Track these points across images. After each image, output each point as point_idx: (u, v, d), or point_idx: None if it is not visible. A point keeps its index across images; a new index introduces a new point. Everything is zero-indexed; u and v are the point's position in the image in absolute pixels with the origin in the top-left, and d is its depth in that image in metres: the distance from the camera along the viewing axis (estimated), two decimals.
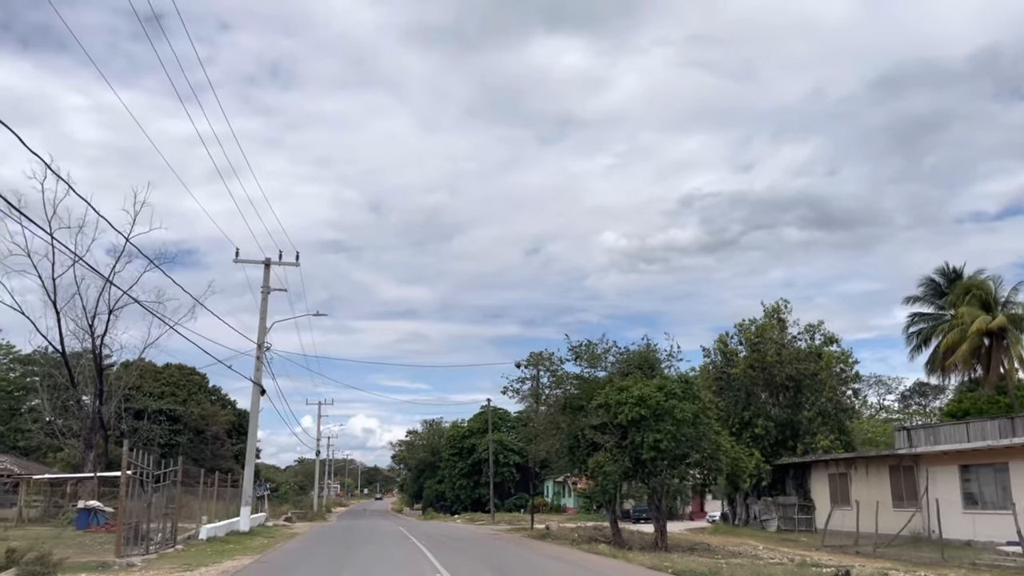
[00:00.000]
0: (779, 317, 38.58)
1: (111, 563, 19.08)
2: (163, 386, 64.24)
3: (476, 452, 71.58)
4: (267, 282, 31.38)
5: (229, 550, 23.89)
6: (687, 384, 25.52)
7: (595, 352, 27.61)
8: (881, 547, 25.91)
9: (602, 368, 27.79)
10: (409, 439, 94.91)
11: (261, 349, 30.84)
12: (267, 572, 17.07)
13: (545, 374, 28.46)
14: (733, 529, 36.30)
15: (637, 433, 24.50)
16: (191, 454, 60.95)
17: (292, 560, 19.89)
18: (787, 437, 36.78)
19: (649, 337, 28.03)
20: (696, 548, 26.75)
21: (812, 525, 34.81)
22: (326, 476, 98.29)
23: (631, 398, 24.52)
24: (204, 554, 22.64)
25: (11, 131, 12.99)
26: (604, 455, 24.73)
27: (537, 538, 30.60)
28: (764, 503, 36.34)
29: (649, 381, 25.45)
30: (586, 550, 23.62)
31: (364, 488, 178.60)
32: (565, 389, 27.84)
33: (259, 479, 51.30)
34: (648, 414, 24.15)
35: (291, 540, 28.19)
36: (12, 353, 62.73)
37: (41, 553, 14.91)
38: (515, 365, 28.89)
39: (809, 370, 36.53)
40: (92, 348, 44.86)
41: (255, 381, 30.86)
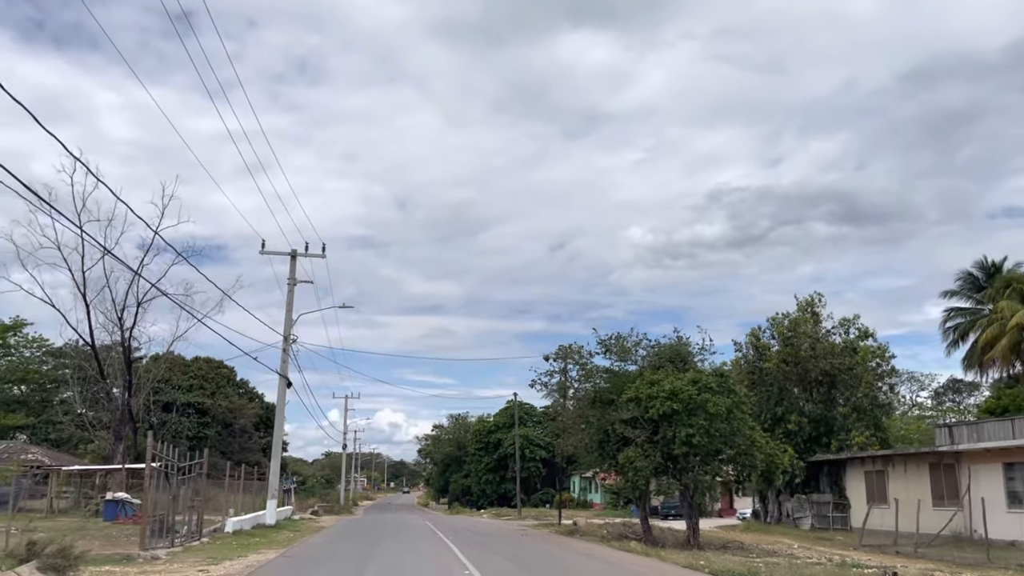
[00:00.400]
0: (813, 311, 37.60)
1: (135, 556, 18.78)
2: (191, 379, 64.45)
3: (502, 447, 71.14)
4: (293, 274, 31.04)
5: (254, 543, 23.56)
6: (722, 377, 24.76)
7: (625, 345, 26.92)
8: (922, 547, 25.01)
9: (632, 362, 27.09)
10: (435, 433, 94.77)
11: (287, 341, 30.50)
12: (291, 567, 16.64)
13: (574, 367, 27.83)
14: (765, 527, 35.45)
15: (669, 428, 23.81)
16: (219, 447, 61.07)
17: (317, 555, 19.47)
18: (821, 433, 35.84)
19: (680, 330, 27.28)
20: (729, 546, 26.02)
21: (847, 524, 33.87)
22: (353, 470, 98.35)
23: (663, 392, 23.83)
24: (229, 547, 22.31)
25: (38, 122, 12.08)
26: (635, 450, 24.06)
27: (565, 534, 30.00)
28: (798, 500, 35.44)
29: (682, 374, 24.72)
30: (617, 548, 22.98)
31: (390, 482, 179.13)
32: (594, 383, 27.17)
33: (286, 472, 51.20)
34: (680, 408, 23.44)
35: (317, 534, 27.84)
36: (44, 346, 63.10)
37: (62, 546, 14.53)
38: (543, 358, 28.34)
39: (844, 365, 35.54)
40: (121, 341, 45.02)
41: (281, 373, 30.53)
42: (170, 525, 23.33)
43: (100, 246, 31.57)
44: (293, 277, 30.97)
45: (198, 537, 24.03)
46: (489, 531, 31.27)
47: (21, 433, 58.77)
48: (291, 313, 30.84)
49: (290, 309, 30.80)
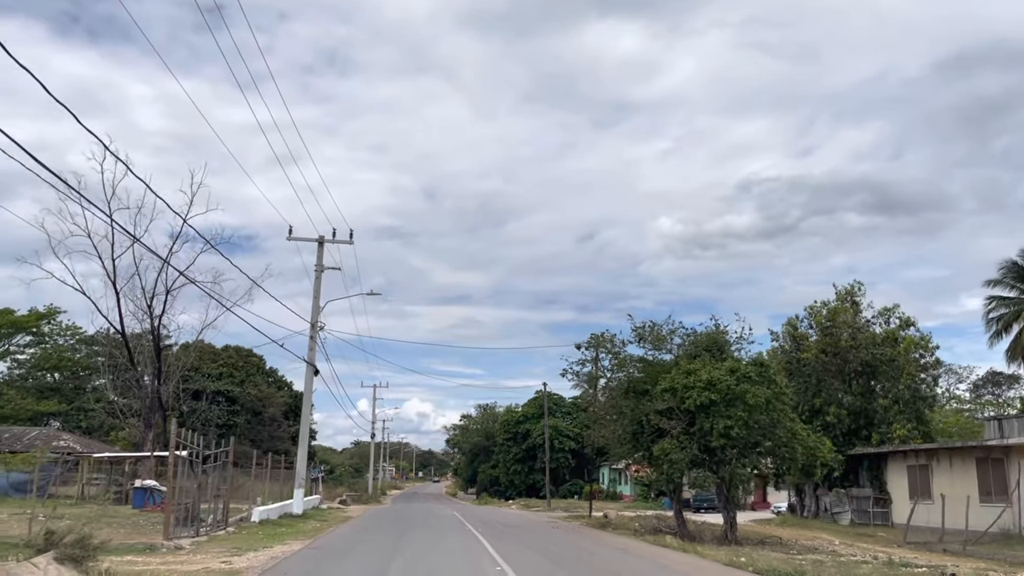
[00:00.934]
0: (853, 300, 36.33)
1: (158, 545, 18.33)
2: (221, 367, 64.45)
3: (531, 437, 70.42)
4: (320, 260, 30.47)
5: (280, 534, 23.06)
6: (761, 367, 23.77)
7: (660, 333, 26.00)
8: (970, 545, 23.89)
9: (667, 351, 26.18)
10: (463, 423, 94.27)
11: (315, 329, 29.95)
12: (317, 559, 16.02)
13: (606, 357, 26.95)
14: (802, 521, 34.38)
15: (706, 419, 22.89)
16: (248, 435, 61.05)
17: (344, 546, 18.86)
18: (860, 426, 34.63)
19: (717, 318, 26.26)
20: (767, 541, 25.08)
21: (888, 519, 32.72)
22: (381, 459, 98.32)
23: (699, 382, 22.92)
24: (255, 537, 21.81)
25: (66, 108, 11.77)
26: (670, 442, 23.18)
27: (597, 527, 29.21)
28: (836, 495, 34.30)
29: (720, 364, 23.78)
30: (651, 542, 22.13)
31: (419, 471, 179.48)
32: (628, 372, 26.29)
33: (313, 461, 50.87)
34: (718, 399, 22.51)
35: (344, 524, 27.31)
36: (77, 334, 63.45)
37: (81, 535, 14.00)
38: (575, 347, 27.48)
39: (885, 355, 34.26)
40: (151, 328, 44.92)
41: (308, 361, 30.00)
42: (195, 514, 22.93)
43: (129, 234, 31.27)
44: (320, 264, 30.40)
45: (224, 526, 23.58)
46: (519, 523, 30.56)
47: (55, 420, 59.25)
48: (318, 300, 30.29)
49: (317, 296, 30.25)
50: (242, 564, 15.54)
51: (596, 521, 32.86)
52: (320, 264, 30.34)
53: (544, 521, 33.09)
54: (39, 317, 61.69)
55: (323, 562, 15.43)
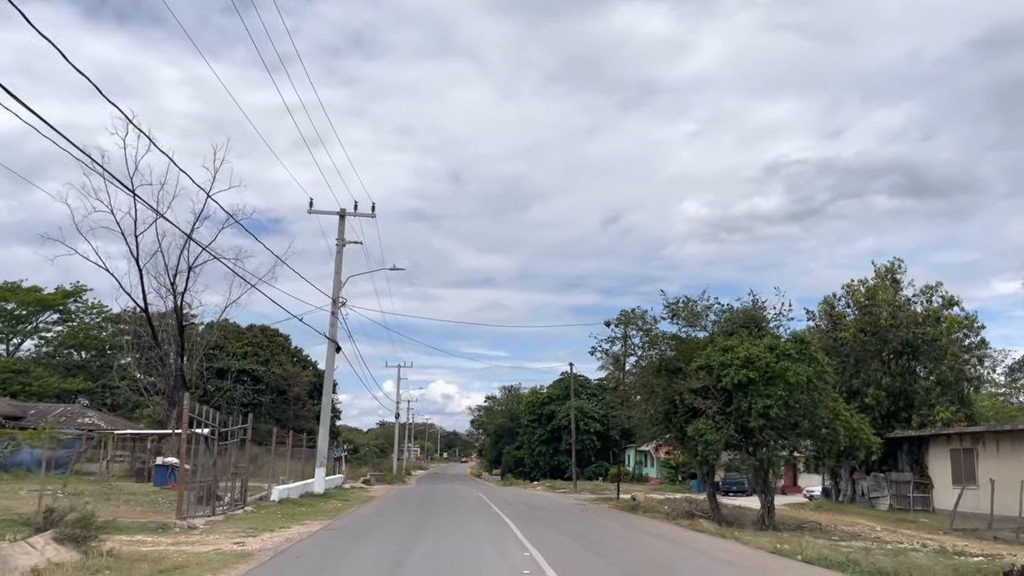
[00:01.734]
0: (893, 277, 34.68)
1: (172, 525, 17.50)
2: (246, 346, 63.99)
3: (555, 419, 69.43)
4: (342, 234, 29.45)
5: (300, 513, 22.21)
6: (802, 344, 22.39)
7: (694, 309, 24.70)
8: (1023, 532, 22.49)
9: (701, 327, 24.89)
10: (488, 404, 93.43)
11: (336, 304, 28.99)
12: (334, 542, 15.05)
13: (637, 334, 25.72)
14: (838, 506, 33.02)
15: (744, 398, 21.63)
16: (273, 414, 60.60)
17: (363, 528, 17.90)
18: (900, 408, 33.10)
19: (756, 293, 24.86)
20: (805, 527, 23.84)
21: (929, 504, 31.27)
22: (405, 439, 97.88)
23: (737, 359, 21.65)
24: (273, 517, 20.96)
25: (87, 79, 11.34)
26: (705, 422, 21.93)
27: (626, 510, 28.10)
28: (875, 479, 32.86)
29: (758, 340, 22.48)
30: (686, 526, 20.97)
31: (443, 452, 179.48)
32: (660, 350, 25.05)
33: (337, 440, 50.17)
34: (757, 377, 21.24)
35: (366, 504, 26.43)
36: (104, 312, 63.23)
37: (83, 514, 13.10)
38: (604, 324, 26.22)
39: (928, 335, 32.66)
40: (174, 306, 44.35)
41: (330, 338, 29.07)
42: (212, 493, 22.16)
43: (152, 208, 30.47)
44: (342, 237, 29.38)
45: (242, 505, 22.78)
46: (545, 505, 29.52)
47: (83, 398, 59.12)
48: (340, 275, 29.33)
49: (339, 271, 29.27)
50: (255, 546, 14.62)
51: (625, 504, 31.75)
52: (341, 238, 29.33)
53: (571, 503, 32.02)
54: (66, 295, 61.54)
55: (340, 545, 14.45)
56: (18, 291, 57.74)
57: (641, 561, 12.62)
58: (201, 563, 12.31)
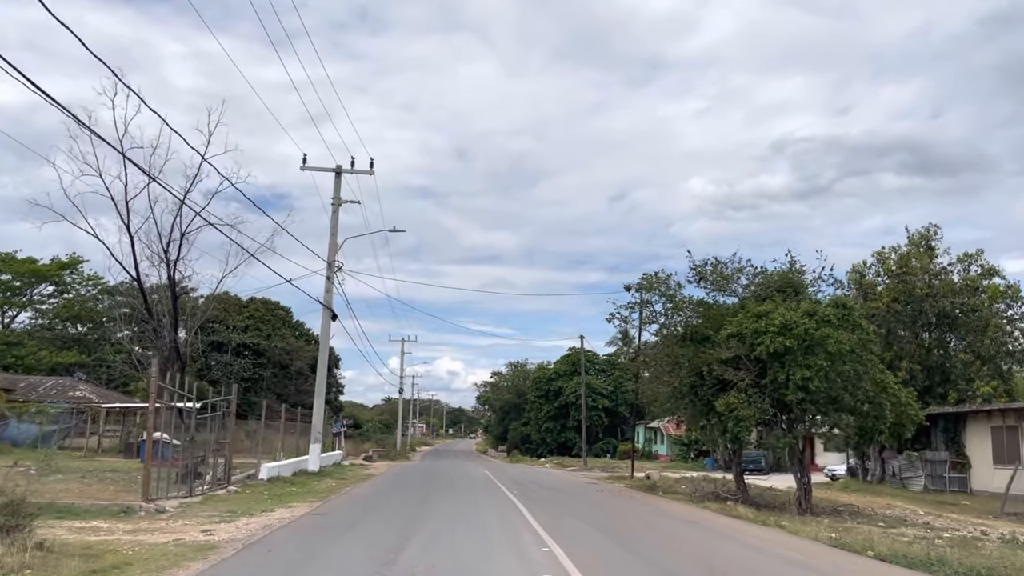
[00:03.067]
0: (928, 244, 32.03)
1: (137, 508, 15.21)
2: (247, 319, 61.72)
3: (563, 395, 67.16)
4: (338, 192, 26.95)
5: (288, 494, 19.91)
6: (844, 309, 19.88)
7: (724, 272, 22.20)
8: None
9: (731, 292, 22.41)
10: (494, 380, 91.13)
11: (332, 268, 26.53)
12: (315, 532, 12.71)
13: (659, 300, 23.23)
14: (867, 487, 30.60)
15: (780, 369, 19.18)
16: (274, 389, 58.45)
17: (355, 513, 15.55)
18: (935, 383, 30.61)
19: (792, 254, 22.31)
20: (841, 511, 21.49)
21: (966, 485, 28.90)
22: (410, 415, 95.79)
23: (772, 326, 19.18)
24: (258, 498, 18.66)
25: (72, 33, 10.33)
26: (737, 396, 19.50)
27: (644, 490, 25.76)
28: (908, 459, 30.42)
29: (795, 306, 20.00)
30: (717, 511, 18.60)
31: (449, 428, 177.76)
32: (686, 317, 22.58)
33: (337, 415, 47.87)
34: (795, 345, 18.77)
35: (363, 484, 24.13)
36: (100, 284, 60.94)
37: (12, 499, 10.75)
38: (624, 288, 23.71)
39: (967, 305, 30.08)
40: (168, 274, 42.06)
41: (324, 304, 26.64)
42: (191, 471, 19.95)
43: (143, 171, 27.84)
44: (338, 196, 26.88)
45: (225, 485, 20.50)
46: (556, 484, 27.20)
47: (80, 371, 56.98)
48: (336, 237, 26.82)
49: (335, 232, 26.78)
50: (224, 535, 12.29)
51: (640, 483, 29.42)
52: (337, 196, 26.83)
53: (584, 482, 29.69)
54: (61, 267, 59.28)
55: (321, 537, 12.11)
56: (12, 262, 55.39)
57: (687, 560, 10.20)
58: (149, 559, 9.96)
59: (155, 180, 32.81)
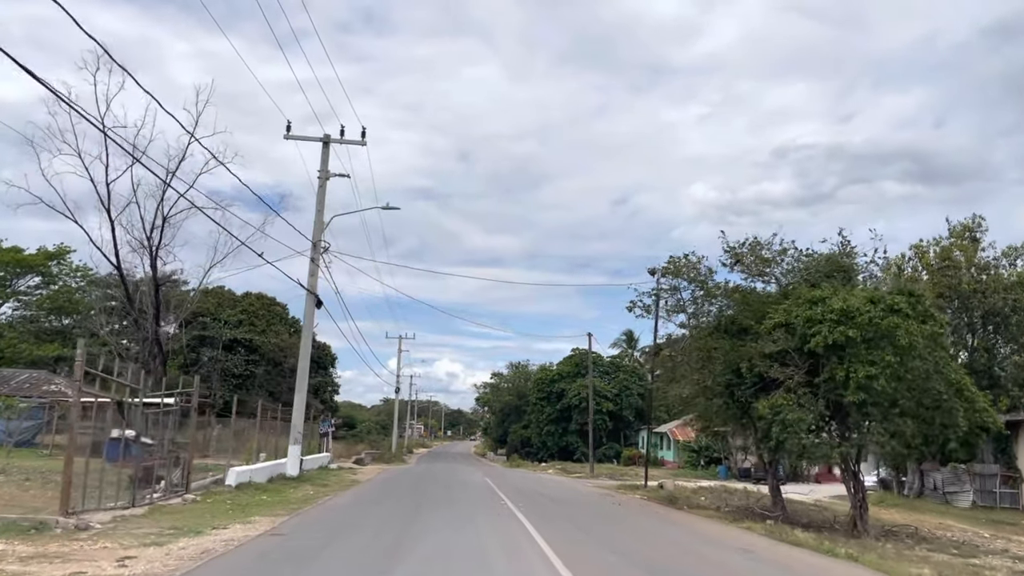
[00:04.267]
0: (972, 236, 28.71)
1: (53, 523, 11.95)
2: (240, 314, 58.36)
3: (566, 397, 63.71)
4: (325, 165, 23.65)
5: (254, 505, 16.59)
6: (913, 297, 16.59)
7: (763, 255, 18.89)
8: None
9: (771, 278, 19.10)
10: (494, 381, 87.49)
11: (317, 249, 23.24)
12: (261, 561, 9.42)
13: (688, 287, 19.91)
14: (905, 501, 27.26)
15: (838, 365, 15.90)
16: (267, 387, 55.19)
17: (322, 534, 12.22)
18: (982, 387, 27.12)
19: (846, 231, 18.84)
20: (896, 531, 18.20)
21: (1018, 501, 25.59)
22: (408, 416, 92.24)
23: (830, 313, 15.91)
24: (216, 510, 15.37)
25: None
26: (785, 397, 16.19)
27: (664, 503, 22.40)
28: (953, 471, 27.04)
29: (854, 290, 16.75)
30: (763, 532, 15.26)
31: (447, 430, 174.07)
32: (720, 305, 19.28)
33: (324, 413, 44.41)
34: (857, 336, 15.49)
35: (346, 492, 20.76)
36: (88, 275, 57.59)
37: None
38: (649, 272, 20.34)
39: (1020, 302, 26.73)
40: (151, 260, 38.80)
41: (309, 289, 23.33)
42: (144, 475, 16.77)
43: (126, 150, 24.50)
44: (325, 168, 23.58)
45: (181, 492, 17.22)
46: (566, 496, 23.83)
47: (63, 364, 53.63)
48: (322, 215, 23.51)
49: (321, 209, 23.48)
50: (141, 568, 9.05)
51: (656, 494, 26.08)
52: (324, 169, 23.53)
53: (595, 493, 26.30)
54: (48, 256, 55.96)
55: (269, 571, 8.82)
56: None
57: None
58: None
59: (138, 161, 29.71)
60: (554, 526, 13.90)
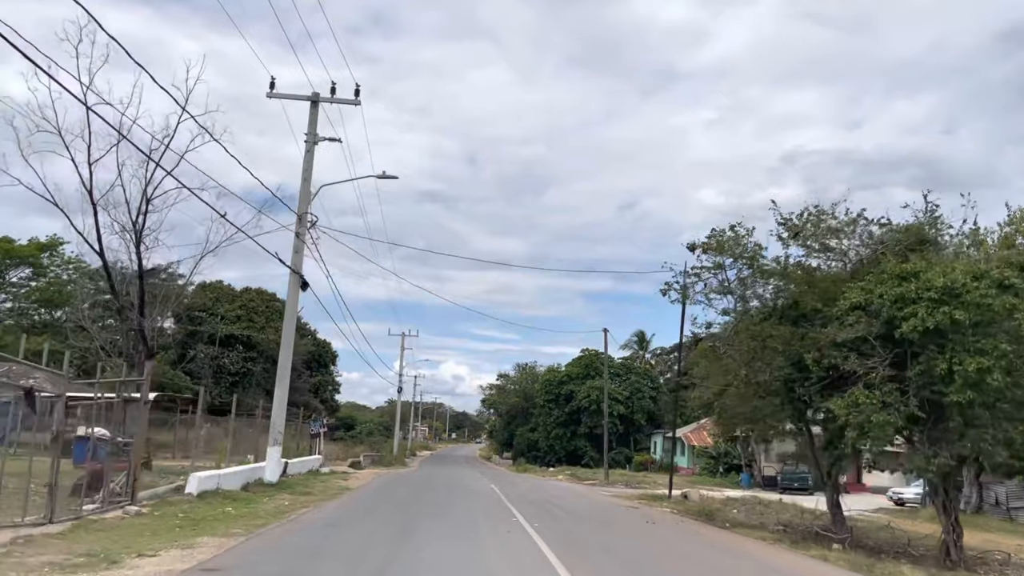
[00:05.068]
0: None
1: None
2: (239, 309, 55.08)
3: (575, 399, 60.22)
4: (314, 128, 20.33)
5: (210, 519, 13.23)
6: None
7: (829, 224, 15.44)
8: None
9: (837, 254, 15.68)
10: (500, 383, 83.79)
11: (303, 222, 19.92)
12: None
13: (735, 265, 16.53)
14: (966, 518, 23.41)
15: (937, 356, 12.49)
16: (265, 385, 51.78)
17: (277, 567, 8.85)
18: None
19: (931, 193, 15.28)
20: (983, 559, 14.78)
21: None
22: (411, 418, 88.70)
23: (928, 291, 12.52)
24: (158, 527, 12.03)
25: None
26: (866, 395, 12.77)
27: (699, 519, 18.98)
28: (1021, 485, 23.51)
29: (955, 263, 13.36)
30: (844, 565, 11.85)
31: (452, 433, 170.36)
32: (777, 286, 15.87)
33: (318, 412, 40.99)
34: (965, 320, 12.10)
35: (329, 503, 17.36)
36: (81, 268, 54.44)
37: None
38: (688, 248, 16.87)
39: None
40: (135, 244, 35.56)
41: (293, 268, 19.99)
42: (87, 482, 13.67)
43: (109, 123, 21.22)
44: (313, 132, 20.26)
45: (125, 502, 13.91)
46: (586, 509, 20.38)
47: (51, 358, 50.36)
48: (309, 184, 20.18)
49: (307, 178, 20.15)
50: None
51: (685, 507, 22.64)
52: (312, 132, 20.21)
53: (616, 504, 22.83)
54: (39, 248, 52.82)
55: None
56: None
57: None
58: None
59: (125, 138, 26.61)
60: (585, 557, 10.50)
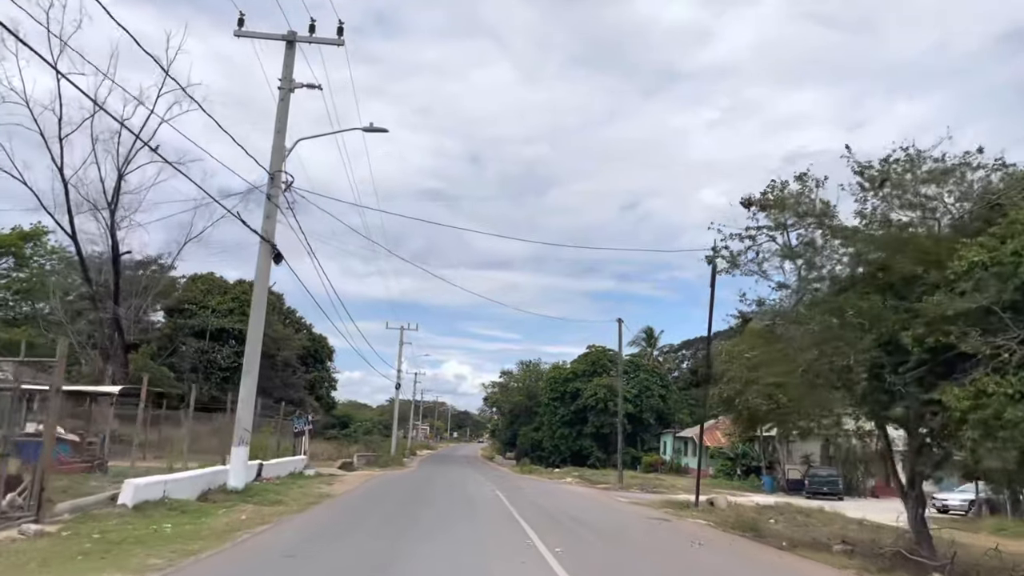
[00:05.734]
0: None
1: None
2: (231, 302, 51.82)
3: (581, 398, 56.95)
4: (290, 72, 17.05)
5: (134, 540, 9.88)
6: None
7: (920, 173, 12.12)
8: None
9: (932, 212, 12.36)
10: (503, 381, 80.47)
11: (276, 182, 16.63)
12: None
13: (797, 224, 13.22)
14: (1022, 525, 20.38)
15: None
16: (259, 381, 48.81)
17: None
18: None
19: None
20: None
21: None
22: (412, 417, 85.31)
23: None
24: (53, 555, 8.68)
25: None
26: (997, 380, 9.48)
27: (748, 535, 15.65)
28: None
29: None
30: None
31: (454, 432, 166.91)
32: (857, 250, 12.54)
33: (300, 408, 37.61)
34: None
35: (298, 515, 14.01)
36: (65, 258, 51.18)
37: None
38: (742, 204, 13.43)
39: None
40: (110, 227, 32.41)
41: (263, 236, 16.71)
42: None
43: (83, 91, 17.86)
44: (289, 77, 16.98)
45: (30, 517, 10.58)
46: (612, 523, 17.03)
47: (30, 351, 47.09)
48: (284, 136, 16.89)
49: (281, 130, 16.84)
50: None
51: (718, 516, 19.28)
52: (289, 78, 16.93)
53: (645, 516, 19.41)
54: (22, 237, 49.67)
55: None
56: None
57: None
58: None
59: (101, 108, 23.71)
60: None
